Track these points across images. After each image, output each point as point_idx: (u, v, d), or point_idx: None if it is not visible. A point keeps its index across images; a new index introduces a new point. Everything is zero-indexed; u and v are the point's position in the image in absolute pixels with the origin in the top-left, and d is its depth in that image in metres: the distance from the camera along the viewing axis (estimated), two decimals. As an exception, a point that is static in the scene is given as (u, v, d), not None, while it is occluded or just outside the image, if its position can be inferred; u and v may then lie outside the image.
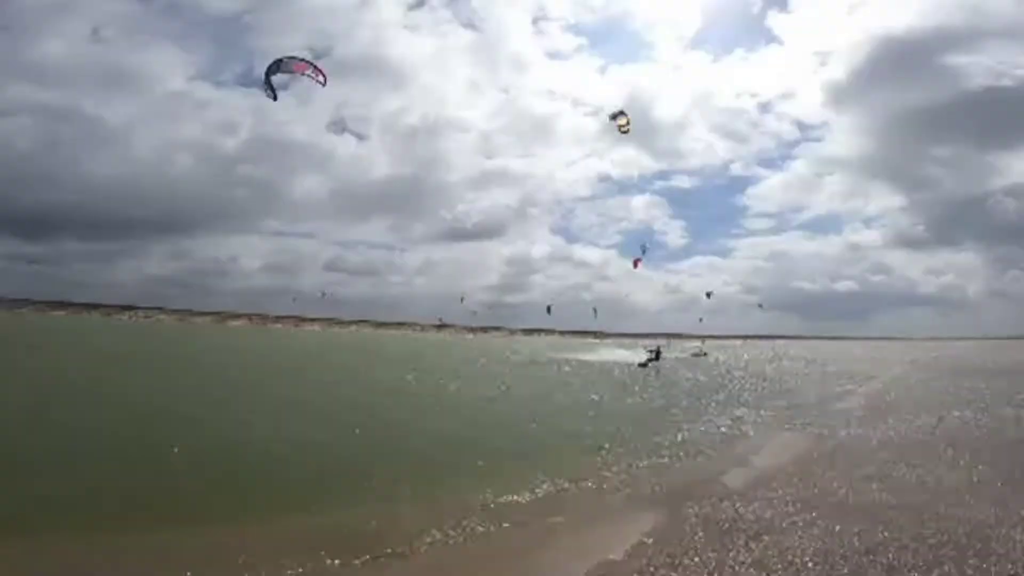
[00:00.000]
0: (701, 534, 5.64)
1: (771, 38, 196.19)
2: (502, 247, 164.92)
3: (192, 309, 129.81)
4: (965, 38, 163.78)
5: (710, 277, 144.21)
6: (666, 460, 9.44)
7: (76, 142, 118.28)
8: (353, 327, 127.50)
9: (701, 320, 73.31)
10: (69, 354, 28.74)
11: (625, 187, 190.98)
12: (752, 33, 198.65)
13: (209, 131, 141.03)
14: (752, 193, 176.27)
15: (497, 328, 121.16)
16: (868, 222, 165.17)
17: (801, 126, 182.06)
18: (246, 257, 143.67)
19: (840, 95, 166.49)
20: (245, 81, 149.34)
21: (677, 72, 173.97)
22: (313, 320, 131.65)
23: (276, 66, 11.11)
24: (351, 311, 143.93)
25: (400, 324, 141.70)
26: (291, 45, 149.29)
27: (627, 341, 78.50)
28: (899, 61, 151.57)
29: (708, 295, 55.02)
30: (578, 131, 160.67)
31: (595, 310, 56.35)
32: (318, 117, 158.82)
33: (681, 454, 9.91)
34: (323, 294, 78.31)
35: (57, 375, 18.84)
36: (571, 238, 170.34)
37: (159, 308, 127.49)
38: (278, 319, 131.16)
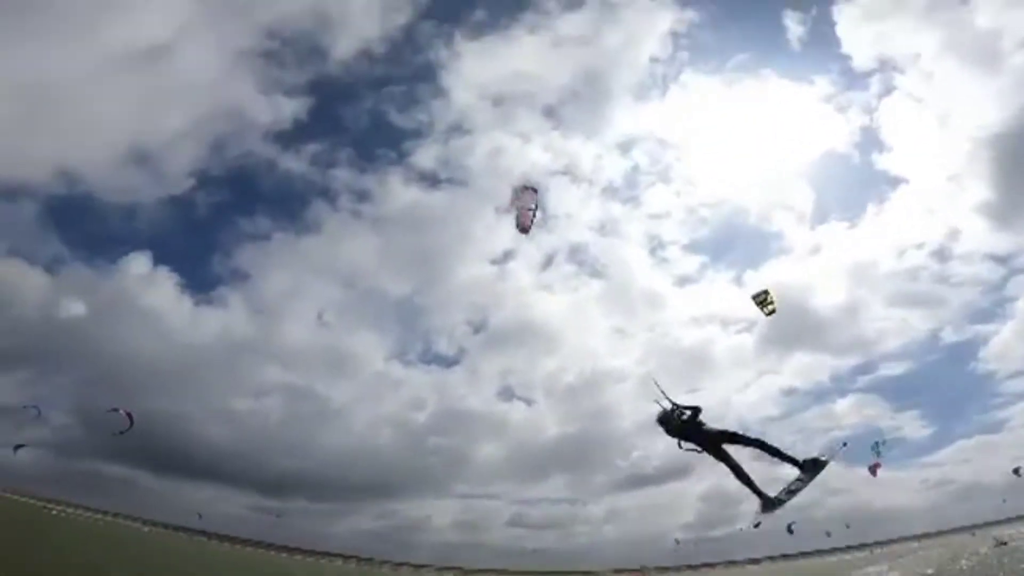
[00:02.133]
0: None
1: (893, 181, 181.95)
2: (694, 485, 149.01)
3: (394, 560, 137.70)
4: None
5: (985, 459, 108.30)
6: None
7: (311, 418, 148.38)
8: None
9: (1005, 501, 58.06)
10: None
11: (819, 395, 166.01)
12: (872, 183, 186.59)
13: (404, 407, 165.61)
14: (987, 355, 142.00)
15: (709, 565, 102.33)
16: None
17: (997, 260, 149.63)
18: (439, 516, 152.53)
19: (1003, 212, 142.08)
20: (425, 358, 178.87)
21: (818, 254, 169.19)
22: (503, 572, 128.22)
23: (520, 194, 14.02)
24: (537, 561, 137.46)
25: (587, 572, 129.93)
26: (453, 321, 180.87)
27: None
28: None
29: (1017, 472, 46.65)
30: (737, 352, 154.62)
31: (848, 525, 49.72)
32: (488, 388, 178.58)
33: None
34: (533, 551, 78.76)
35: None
36: (774, 461, 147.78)
37: (369, 559, 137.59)
38: (469, 571, 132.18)
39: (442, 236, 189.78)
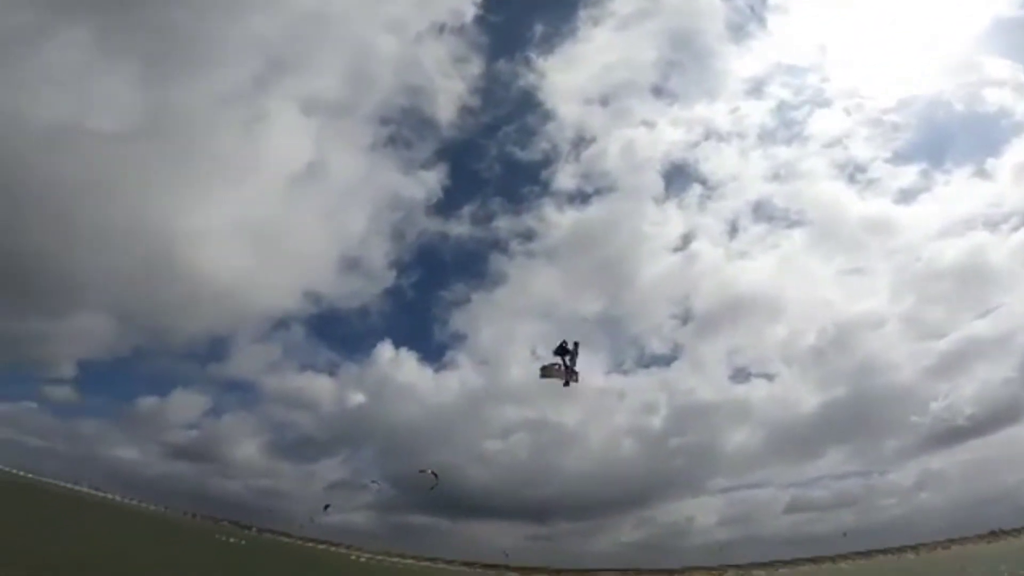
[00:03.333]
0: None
1: None
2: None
3: (661, 568, 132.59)
4: None
5: None
6: None
7: (553, 445, 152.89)
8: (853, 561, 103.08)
9: None
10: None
11: None
12: None
13: (636, 415, 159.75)
14: None
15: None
16: None
17: None
18: (702, 515, 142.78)
19: None
20: (643, 362, 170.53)
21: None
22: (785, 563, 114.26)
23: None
24: (832, 546, 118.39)
25: (909, 547, 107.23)
26: (658, 319, 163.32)
27: None
28: None
29: None
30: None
31: None
32: (718, 374, 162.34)
33: None
34: (845, 534, 68.79)
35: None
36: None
37: (636, 569, 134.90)
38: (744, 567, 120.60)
39: (614, 244, 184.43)
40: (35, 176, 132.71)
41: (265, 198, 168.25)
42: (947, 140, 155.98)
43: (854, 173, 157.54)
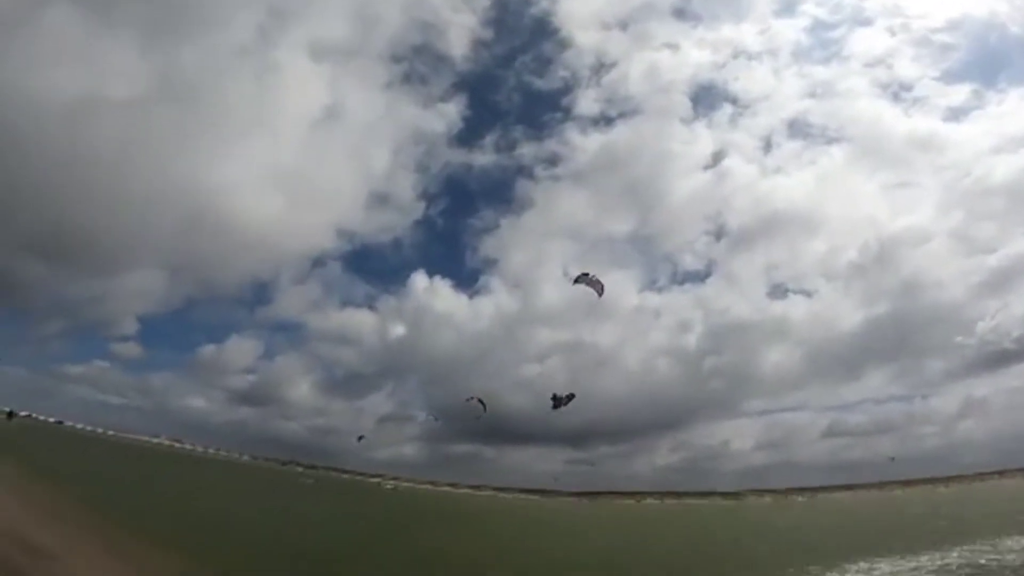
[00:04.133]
0: None
1: None
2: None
3: (694, 491, 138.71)
4: None
5: None
6: None
7: (589, 368, 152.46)
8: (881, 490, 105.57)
9: None
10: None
11: None
12: None
13: (671, 333, 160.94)
14: None
15: None
16: None
17: None
18: (737, 439, 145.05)
19: None
20: (676, 279, 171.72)
21: None
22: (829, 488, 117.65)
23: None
24: (869, 473, 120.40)
25: (948, 478, 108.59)
26: (690, 236, 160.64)
27: None
28: None
29: None
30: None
31: None
32: (755, 290, 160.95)
33: None
34: (892, 459, 71.63)
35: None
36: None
37: (673, 492, 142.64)
38: (774, 491, 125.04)
39: (641, 164, 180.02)
40: (66, 149, 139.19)
41: (289, 144, 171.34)
42: (1001, 60, 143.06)
43: (899, 92, 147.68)
